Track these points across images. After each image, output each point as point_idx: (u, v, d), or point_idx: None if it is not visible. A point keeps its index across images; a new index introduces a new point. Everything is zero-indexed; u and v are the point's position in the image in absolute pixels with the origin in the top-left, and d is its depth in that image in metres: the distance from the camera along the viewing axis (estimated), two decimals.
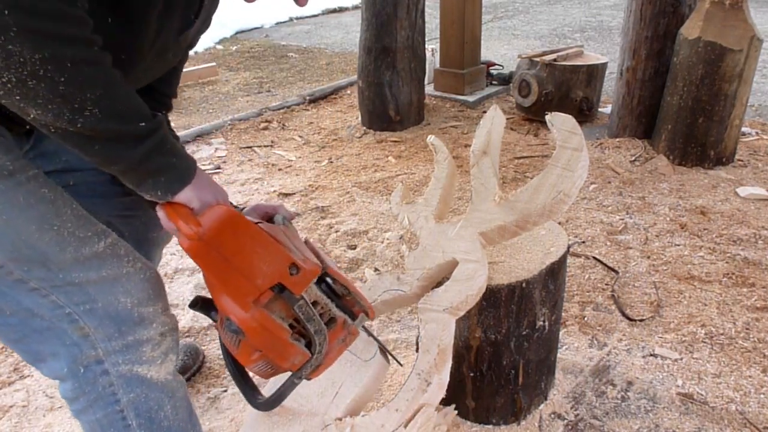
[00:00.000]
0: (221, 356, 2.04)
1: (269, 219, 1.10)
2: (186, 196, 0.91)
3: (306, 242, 1.08)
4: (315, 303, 1.05)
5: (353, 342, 1.16)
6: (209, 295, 1.02)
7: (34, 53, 0.71)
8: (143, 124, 0.84)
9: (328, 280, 1.07)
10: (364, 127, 4.25)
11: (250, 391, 1.15)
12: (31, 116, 0.77)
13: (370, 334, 1.31)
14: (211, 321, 1.16)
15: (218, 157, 3.91)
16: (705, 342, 2.04)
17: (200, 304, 1.07)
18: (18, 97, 0.74)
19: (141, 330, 1.00)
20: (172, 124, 4.16)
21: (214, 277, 0.95)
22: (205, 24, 1.15)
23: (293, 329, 1.03)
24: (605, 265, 2.50)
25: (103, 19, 0.84)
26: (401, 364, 1.45)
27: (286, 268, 0.95)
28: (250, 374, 1.18)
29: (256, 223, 0.98)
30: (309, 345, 1.05)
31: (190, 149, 4.05)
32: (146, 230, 1.29)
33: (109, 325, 0.98)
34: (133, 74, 0.99)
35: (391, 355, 1.37)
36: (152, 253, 1.35)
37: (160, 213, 0.94)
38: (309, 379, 1.11)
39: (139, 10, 0.91)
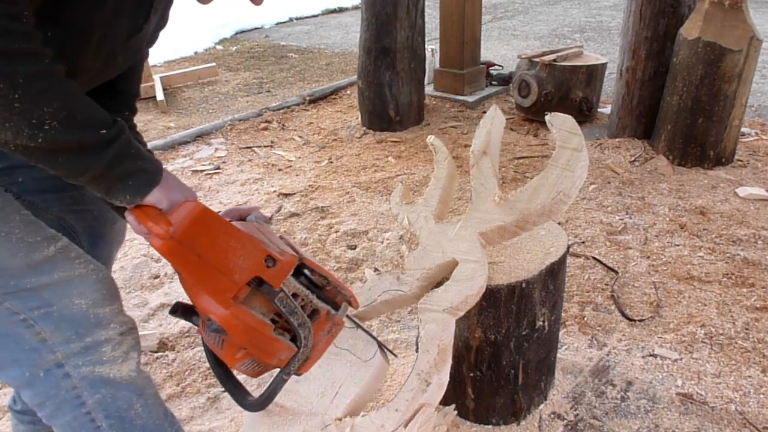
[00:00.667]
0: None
1: (243, 220, 1.09)
2: (155, 197, 0.90)
3: (281, 237, 1.08)
4: (295, 295, 1.03)
5: (340, 333, 1.14)
6: (189, 302, 1.01)
7: None
8: (105, 131, 0.83)
9: (306, 272, 1.06)
10: (364, 128, 4.26)
11: (238, 392, 1.14)
12: None
13: (357, 324, 1.29)
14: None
15: (218, 157, 3.91)
16: (704, 342, 2.04)
17: (180, 310, 1.06)
18: None
19: (99, 331, 1.00)
20: (172, 125, 4.12)
21: (191, 276, 0.93)
22: (159, 25, 1.14)
23: (276, 324, 1.02)
24: (605, 265, 2.50)
25: (44, 32, 0.83)
26: (395, 355, 1.45)
27: (262, 260, 0.95)
28: (237, 375, 1.16)
29: (229, 220, 0.97)
30: (294, 339, 1.04)
31: (189, 149, 4.06)
32: (99, 225, 1.28)
33: (66, 328, 0.98)
34: (80, 82, 0.99)
35: (385, 347, 1.36)
36: (107, 252, 1.33)
37: (130, 218, 0.93)
38: (298, 374, 1.09)
39: (81, 23, 0.90)
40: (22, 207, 0.99)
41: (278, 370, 1.08)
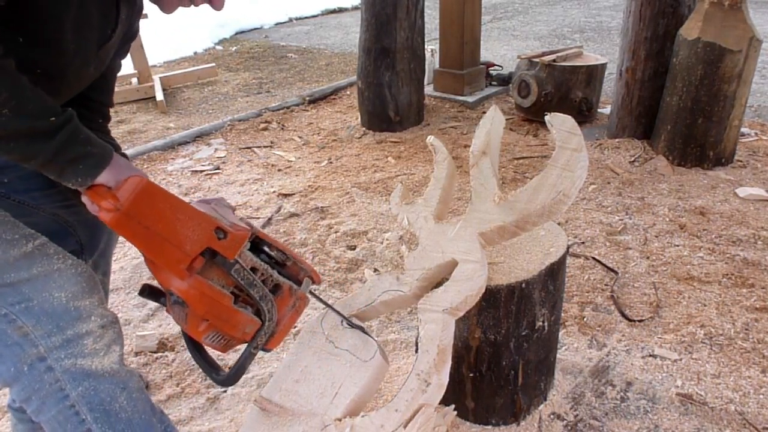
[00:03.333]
0: (220, 356, 2.04)
1: None
2: (104, 178, 0.94)
3: (241, 219, 1.10)
4: (255, 270, 1.06)
5: (305, 308, 1.17)
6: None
7: None
8: (54, 118, 0.88)
9: (266, 248, 1.09)
10: (364, 128, 4.26)
11: (209, 367, 1.16)
12: None
13: (319, 300, 1.30)
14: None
15: (218, 157, 3.91)
16: (704, 342, 2.04)
17: (148, 291, 1.09)
18: None
19: (80, 324, 1.03)
20: (172, 125, 4.12)
21: (143, 248, 0.96)
22: (128, 36, 1.17)
23: (238, 297, 1.05)
24: (605, 265, 2.50)
25: (13, 39, 0.88)
26: (375, 340, 1.43)
27: (212, 232, 0.98)
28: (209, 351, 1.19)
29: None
30: (259, 314, 1.07)
31: (189, 149, 4.06)
32: (94, 216, 1.29)
33: (47, 322, 1.00)
34: (54, 89, 1.02)
35: (354, 323, 1.36)
36: (106, 240, 1.35)
37: (85, 199, 0.97)
38: (267, 349, 1.12)
39: (48, 29, 0.93)
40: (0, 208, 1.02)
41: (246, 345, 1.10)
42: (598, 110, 4.31)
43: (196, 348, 1.14)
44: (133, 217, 0.93)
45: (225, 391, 1.91)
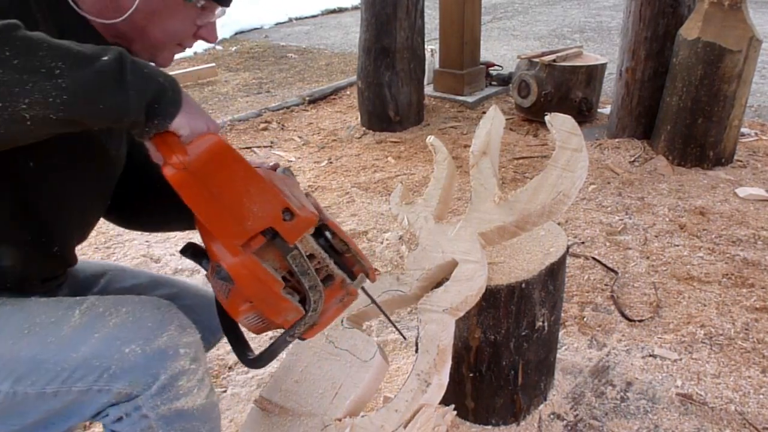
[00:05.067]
0: (220, 356, 2.04)
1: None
2: (178, 122, 0.84)
3: (307, 195, 1.03)
4: (312, 257, 0.98)
5: (352, 303, 1.09)
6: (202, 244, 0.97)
7: None
8: (106, 57, 0.77)
9: (328, 234, 1.00)
10: (364, 128, 4.25)
11: (240, 347, 1.09)
12: (29, 123, 0.73)
13: (370, 297, 1.23)
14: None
15: None
16: (704, 342, 2.04)
17: (191, 251, 1.01)
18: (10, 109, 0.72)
19: (170, 363, 0.96)
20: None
21: (201, 214, 0.87)
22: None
23: (287, 283, 0.97)
24: (604, 265, 2.50)
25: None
26: (405, 338, 1.41)
27: (280, 212, 0.89)
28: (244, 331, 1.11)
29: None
30: (303, 302, 0.99)
31: None
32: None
33: (140, 376, 0.94)
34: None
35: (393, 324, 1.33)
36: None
37: (149, 145, 0.87)
38: (303, 339, 1.04)
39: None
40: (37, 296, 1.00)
41: (282, 331, 1.03)
42: (598, 110, 4.31)
43: (228, 322, 1.06)
44: (200, 179, 0.83)
45: (225, 391, 1.91)
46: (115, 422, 0.98)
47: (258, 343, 1.91)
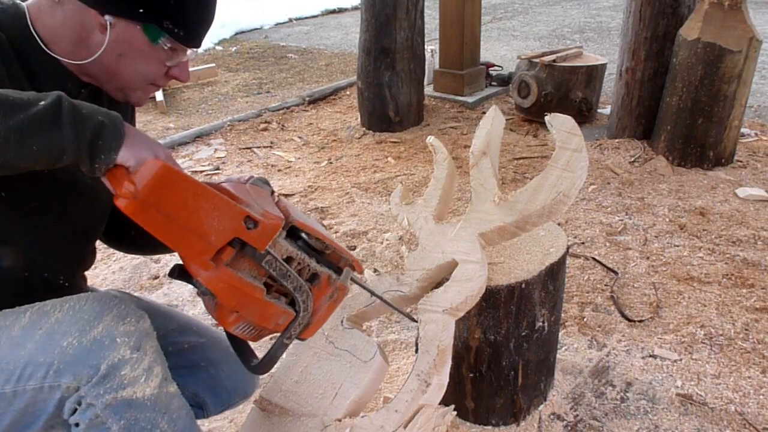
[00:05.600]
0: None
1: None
2: (123, 155, 0.86)
3: (278, 201, 1.04)
4: (290, 259, 1.00)
5: (344, 298, 1.11)
6: None
7: None
8: (42, 102, 0.81)
9: (304, 235, 1.02)
10: (364, 128, 4.26)
11: (243, 354, 1.11)
12: None
13: (362, 287, 1.24)
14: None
15: (217, 157, 3.91)
16: (704, 343, 2.04)
17: (178, 272, 1.02)
18: None
19: (107, 352, 0.96)
20: (171, 125, 4.09)
21: (163, 238, 0.89)
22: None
23: (271, 288, 0.99)
24: (604, 266, 2.50)
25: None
26: (415, 320, 1.41)
27: (241, 222, 0.91)
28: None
29: (208, 183, 0.93)
30: (293, 304, 1.01)
31: (189, 150, 4.06)
32: None
33: (80, 369, 0.95)
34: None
35: (404, 313, 1.33)
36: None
37: (104, 181, 0.89)
38: (302, 339, 1.07)
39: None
40: None
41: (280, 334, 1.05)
42: (598, 110, 4.31)
43: (231, 335, 1.08)
44: (152, 204, 0.85)
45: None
46: (71, 415, 0.99)
47: (262, 348, 1.91)
